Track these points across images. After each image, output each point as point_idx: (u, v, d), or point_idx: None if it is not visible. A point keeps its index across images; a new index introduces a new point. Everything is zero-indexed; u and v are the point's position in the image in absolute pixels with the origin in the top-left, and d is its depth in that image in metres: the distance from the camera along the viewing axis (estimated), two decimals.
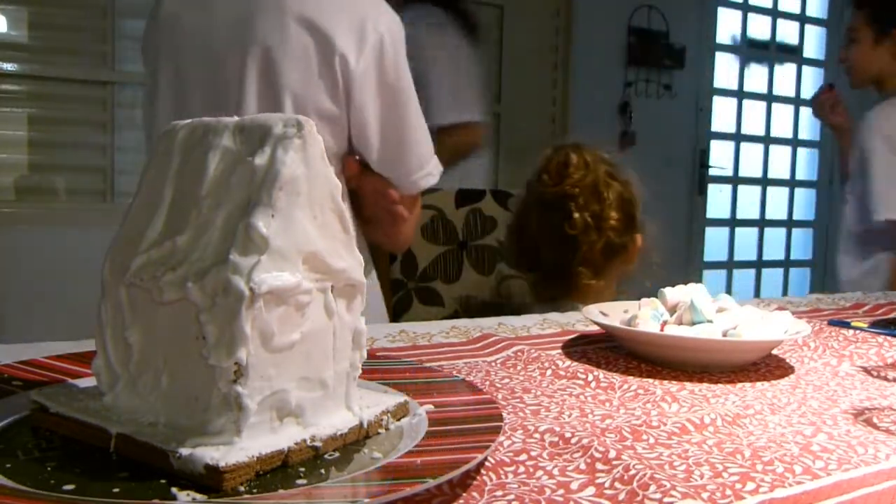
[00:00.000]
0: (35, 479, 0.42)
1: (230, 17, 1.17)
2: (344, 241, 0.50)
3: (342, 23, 1.14)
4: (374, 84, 1.17)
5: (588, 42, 3.77)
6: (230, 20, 1.17)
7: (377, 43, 1.16)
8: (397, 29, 1.20)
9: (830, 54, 4.68)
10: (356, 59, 1.14)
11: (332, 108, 1.16)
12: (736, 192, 4.56)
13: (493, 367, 0.77)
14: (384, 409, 0.53)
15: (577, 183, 1.29)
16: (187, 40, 1.21)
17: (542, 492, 0.46)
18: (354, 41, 1.14)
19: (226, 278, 0.44)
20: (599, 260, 1.30)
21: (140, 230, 0.49)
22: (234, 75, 1.15)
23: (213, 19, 1.19)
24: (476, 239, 1.56)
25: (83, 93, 2.67)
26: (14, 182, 2.61)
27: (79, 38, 2.65)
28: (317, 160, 0.48)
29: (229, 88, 1.16)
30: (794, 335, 0.81)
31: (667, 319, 0.84)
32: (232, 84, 1.16)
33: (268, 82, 1.14)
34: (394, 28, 1.20)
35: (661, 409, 0.65)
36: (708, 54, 4.26)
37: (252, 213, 0.45)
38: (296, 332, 0.47)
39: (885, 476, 0.51)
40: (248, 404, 0.44)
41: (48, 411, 0.49)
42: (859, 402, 0.69)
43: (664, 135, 3.96)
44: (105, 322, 0.50)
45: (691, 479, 0.49)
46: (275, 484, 0.43)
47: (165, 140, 0.52)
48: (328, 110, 1.16)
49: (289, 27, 1.13)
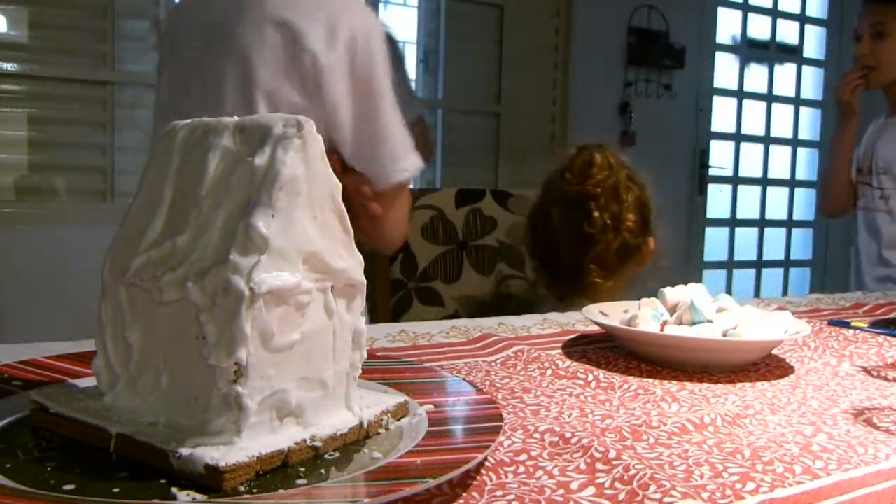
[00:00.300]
0: (35, 479, 0.42)
1: (216, 21, 1.25)
2: (344, 241, 0.50)
3: (315, 21, 1.20)
4: (346, 79, 1.22)
5: (588, 42, 3.77)
6: (215, 25, 1.25)
7: (349, 40, 1.21)
8: (373, 27, 1.25)
9: (830, 54, 4.68)
10: (326, 54, 1.19)
11: (305, 103, 1.20)
12: (736, 192, 4.56)
13: (493, 367, 0.77)
14: (384, 409, 0.53)
15: (600, 183, 1.32)
16: (181, 41, 1.30)
17: (542, 492, 0.46)
18: (325, 38, 1.20)
19: (226, 278, 0.44)
20: (613, 260, 1.33)
21: (140, 230, 0.49)
22: (213, 77, 1.23)
23: (200, 23, 1.28)
24: (476, 239, 1.56)
25: (83, 93, 2.67)
26: (14, 182, 2.61)
27: (79, 38, 2.65)
28: (317, 160, 0.48)
29: (209, 89, 1.23)
30: (794, 335, 0.81)
31: (667, 319, 0.84)
32: (209, 86, 1.23)
33: (244, 83, 1.20)
34: (368, 26, 1.24)
35: (661, 409, 0.65)
36: (708, 54, 4.26)
37: (252, 213, 0.45)
38: (296, 332, 0.47)
39: (885, 476, 0.51)
40: (248, 404, 0.44)
41: (48, 411, 0.49)
42: (859, 402, 0.69)
43: (664, 135, 3.96)
44: (105, 322, 0.50)
45: (691, 479, 0.49)
46: (275, 484, 0.43)
47: (165, 140, 0.52)
48: (300, 105, 1.21)
49: (266, 29, 1.20)
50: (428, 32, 3.52)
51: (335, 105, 1.21)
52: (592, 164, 1.34)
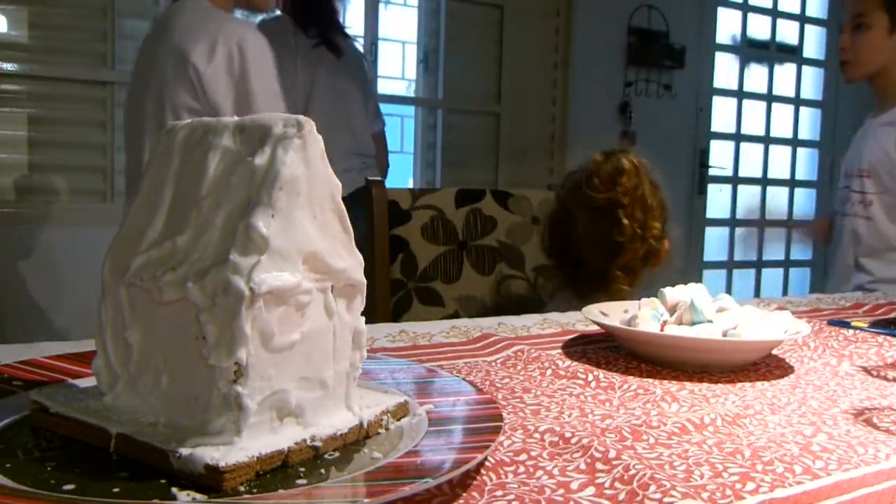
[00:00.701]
0: (35, 479, 0.42)
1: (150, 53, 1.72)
2: (344, 241, 0.50)
3: (198, 42, 1.62)
4: (225, 83, 1.62)
5: (588, 42, 3.77)
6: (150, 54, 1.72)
7: (226, 53, 1.62)
8: (251, 42, 1.65)
9: (830, 54, 4.67)
10: (206, 65, 1.61)
11: (195, 104, 1.62)
12: (736, 192, 4.56)
13: (493, 367, 0.77)
14: (384, 409, 0.53)
15: (629, 191, 1.31)
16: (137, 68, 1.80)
17: (542, 492, 0.46)
18: (206, 53, 1.61)
19: (226, 278, 0.44)
20: (639, 266, 1.34)
21: (140, 230, 0.49)
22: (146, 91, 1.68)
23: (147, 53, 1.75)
24: (476, 239, 1.56)
25: (83, 93, 2.67)
26: (14, 182, 2.61)
27: (79, 38, 2.65)
28: (317, 160, 0.48)
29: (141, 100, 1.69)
30: (794, 335, 0.81)
31: (667, 319, 0.84)
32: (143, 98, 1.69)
33: (157, 94, 1.66)
34: (245, 42, 1.64)
35: (661, 409, 0.65)
36: (708, 54, 4.26)
37: (252, 213, 0.45)
38: (296, 332, 0.47)
39: (885, 476, 0.51)
40: (248, 404, 0.44)
41: (48, 411, 0.49)
42: (859, 402, 0.69)
43: (664, 135, 3.96)
44: (105, 322, 0.50)
45: (691, 479, 0.49)
46: (275, 484, 0.43)
47: (165, 140, 0.52)
48: (192, 106, 1.63)
49: (169, 54, 1.64)
50: (428, 32, 3.52)
51: (217, 104, 1.61)
52: (621, 171, 1.32)
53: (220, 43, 1.62)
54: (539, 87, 3.70)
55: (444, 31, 3.47)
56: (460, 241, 1.55)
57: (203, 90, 1.61)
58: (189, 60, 1.60)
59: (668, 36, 4.01)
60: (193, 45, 1.61)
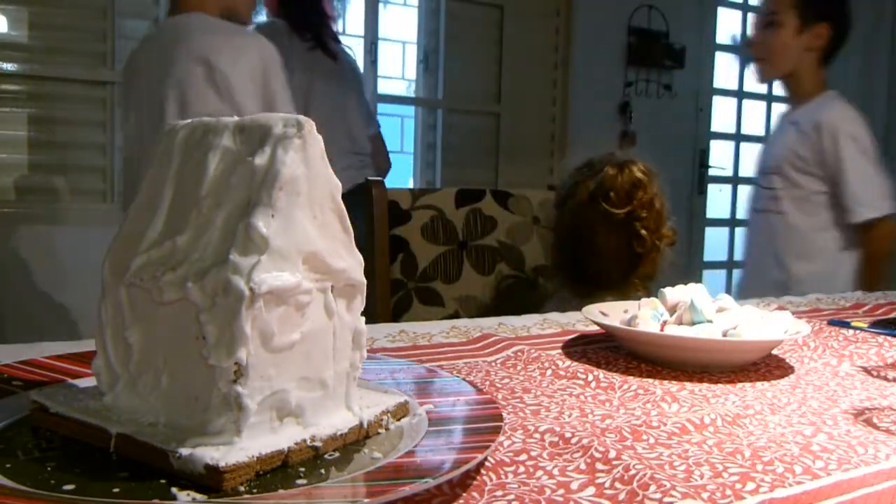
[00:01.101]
0: (35, 479, 0.42)
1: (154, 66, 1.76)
2: (344, 241, 0.50)
3: (224, 53, 1.72)
4: (250, 90, 1.72)
5: (588, 42, 3.77)
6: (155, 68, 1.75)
7: (248, 62, 1.73)
8: (269, 53, 1.76)
9: None
10: (232, 73, 1.71)
11: (224, 109, 1.68)
12: (736, 192, 4.56)
13: (493, 367, 0.77)
14: (384, 409, 0.53)
15: (644, 204, 1.31)
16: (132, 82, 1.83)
17: (542, 492, 0.46)
18: (231, 62, 1.72)
19: (226, 278, 0.44)
20: (654, 271, 1.33)
21: (140, 230, 0.49)
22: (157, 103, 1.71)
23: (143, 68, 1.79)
24: (476, 239, 1.56)
25: (83, 93, 2.67)
26: (14, 182, 2.61)
27: (79, 38, 2.65)
28: (317, 160, 0.48)
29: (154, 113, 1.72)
30: (794, 335, 0.81)
31: (667, 319, 0.84)
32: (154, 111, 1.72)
33: (181, 104, 1.70)
34: (265, 53, 1.75)
35: (661, 409, 0.65)
36: (708, 54, 4.26)
37: (252, 213, 0.45)
38: (296, 332, 0.47)
39: (885, 476, 0.51)
40: (248, 404, 0.44)
41: (48, 411, 0.49)
42: (859, 402, 0.69)
43: (664, 135, 3.96)
44: (105, 322, 0.50)
45: (691, 479, 0.49)
46: (275, 484, 0.43)
47: (165, 140, 0.52)
48: (220, 110, 1.67)
49: (192, 65, 1.70)
50: (428, 32, 3.52)
51: (242, 109, 1.69)
52: (637, 185, 1.32)
53: (244, 53, 1.74)
54: (539, 87, 3.70)
55: (444, 31, 3.47)
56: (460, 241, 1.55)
57: (231, 96, 1.71)
58: (217, 68, 1.71)
59: (668, 36, 4.01)
60: (218, 55, 1.72)
